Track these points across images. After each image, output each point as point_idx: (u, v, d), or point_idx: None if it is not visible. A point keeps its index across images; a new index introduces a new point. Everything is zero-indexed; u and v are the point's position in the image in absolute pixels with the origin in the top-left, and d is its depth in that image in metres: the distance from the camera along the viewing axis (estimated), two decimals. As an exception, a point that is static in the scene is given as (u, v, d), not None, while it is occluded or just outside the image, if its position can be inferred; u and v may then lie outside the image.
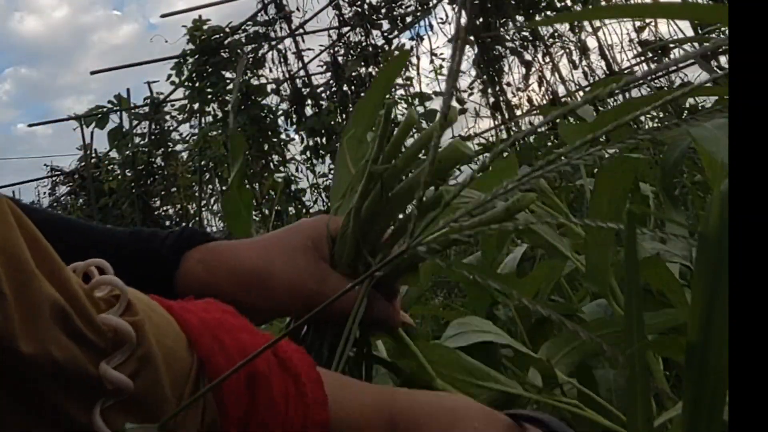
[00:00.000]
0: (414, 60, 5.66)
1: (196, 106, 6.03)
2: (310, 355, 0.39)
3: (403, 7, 5.68)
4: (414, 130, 0.55)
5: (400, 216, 0.52)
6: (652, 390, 0.57)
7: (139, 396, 0.31)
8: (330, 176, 5.72)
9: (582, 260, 0.68)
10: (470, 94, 5.43)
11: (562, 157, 0.31)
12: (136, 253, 0.50)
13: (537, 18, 5.27)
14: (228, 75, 5.87)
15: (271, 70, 5.91)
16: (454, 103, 5.25)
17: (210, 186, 6.46)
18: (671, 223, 0.79)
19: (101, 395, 0.31)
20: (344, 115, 5.70)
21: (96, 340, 0.31)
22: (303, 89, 5.88)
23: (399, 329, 0.52)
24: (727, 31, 0.30)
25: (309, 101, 5.84)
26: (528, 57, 5.37)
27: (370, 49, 5.64)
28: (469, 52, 5.36)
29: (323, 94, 5.84)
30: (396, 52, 5.66)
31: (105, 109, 6.89)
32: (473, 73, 5.37)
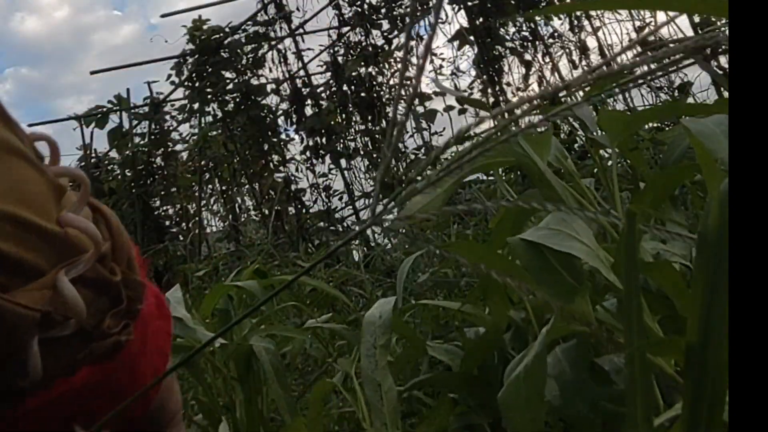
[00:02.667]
0: (414, 60, 5.65)
1: (195, 106, 6.03)
2: None
3: (403, 7, 5.68)
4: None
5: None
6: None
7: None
8: (330, 176, 5.73)
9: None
10: (470, 94, 5.43)
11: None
12: None
13: (537, 19, 5.27)
14: (228, 75, 5.87)
15: (271, 70, 5.91)
16: (454, 103, 5.26)
17: (210, 186, 6.46)
18: (671, 223, 0.78)
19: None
20: (344, 115, 5.70)
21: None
22: (303, 89, 5.88)
23: None
24: (726, 30, 0.30)
25: (309, 101, 5.84)
26: (528, 57, 5.37)
27: (370, 49, 5.64)
28: (469, 52, 5.37)
29: (323, 94, 5.84)
30: (396, 53, 5.66)
31: (105, 109, 6.89)
32: (473, 73, 5.37)
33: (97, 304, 0.31)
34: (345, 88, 5.66)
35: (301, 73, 5.94)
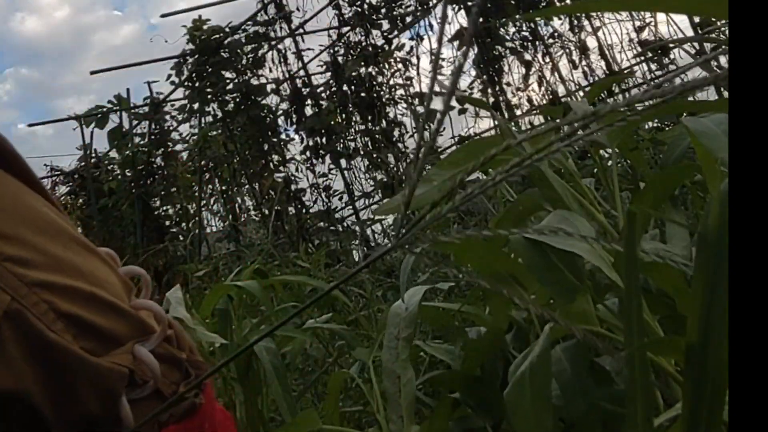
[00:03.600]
0: (414, 60, 5.66)
1: (195, 106, 6.03)
2: None
3: (403, 7, 5.68)
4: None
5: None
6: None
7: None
8: (330, 176, 5.73)
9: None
10: (470, 94, 5.43)
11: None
12: None
13: (537, 19, 5.27)
14: (228, 75, 5.87)
15: (271, 70, 5.91)
16: (454, 103, 5.26)
17: (210, 186, 6.45)
18: (671, 223, 0.79)
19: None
20: (344, 115, 5.70)
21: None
22: (303, 89, 5.88)
23: None
24: (727, 32, 0.30)
25: (309, 101, 5.84)
26: (528, 57, 5.37)
27: (370, 49, 5.64)
28: (469, 52, 5.36)
29: (323, 94, 5.84)
30: (396, 52, 5.66)
31: (105, 109, 6.89)
32: (473, 73, 5.37)
33: (171, 376, 0.38)
34: (345, 88, 5.66)
35: (301, 73, 5.94)
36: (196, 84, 5.91)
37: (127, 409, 0.34)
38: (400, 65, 5.71)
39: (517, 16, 5.02)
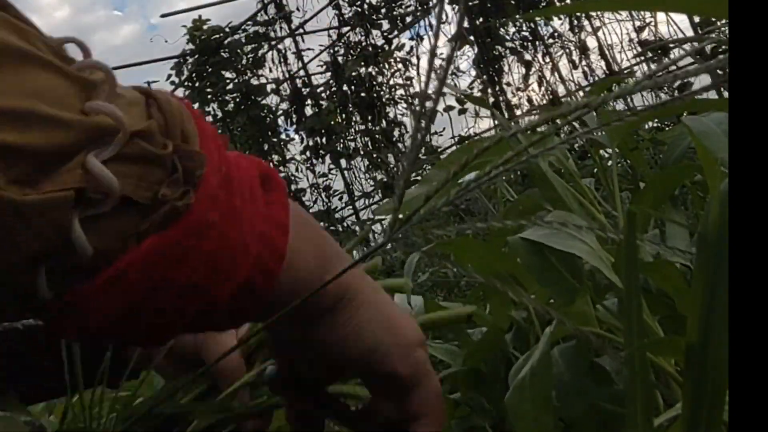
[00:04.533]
0: (414, 60, 5.67)
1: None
2: None
3: (403, 7, 5.68)
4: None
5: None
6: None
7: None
8: (330, 176, 5.73)
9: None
10: (470, 95, 5.43)
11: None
12: None
13: (537, 19, 5.28)
14: (228, 75, 5.87)
15: (271, 70, 5.91)
16: (454, 103, 5.26)
17: (210, 186, 6.45)
18: (671, 223, 0.79)
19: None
20: (344, 115, 5.70)
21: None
22: (303, 89, 5.88)
23: None
24: (726, 31, 0.30)
25: (309, 101, 5.84)
26: (528, 57, 5.37)
27: (370, 49, 5.64)
28: (469, 52, 5.37)
29: (323, 94, 5.84)
30: (396, 52, 5.67)
31: (105, 109, 6.89)
32: (473, 73, 5.37)
33: (149, 177, 0.31)
34: (345, 88, 5.66)
35: (301, 73, 5.95)
36: (196, 84, 5.91)
37: (80, 236, 0.29)
38: (400, 65, 5.72)
39: (517, 16, 5.02)
